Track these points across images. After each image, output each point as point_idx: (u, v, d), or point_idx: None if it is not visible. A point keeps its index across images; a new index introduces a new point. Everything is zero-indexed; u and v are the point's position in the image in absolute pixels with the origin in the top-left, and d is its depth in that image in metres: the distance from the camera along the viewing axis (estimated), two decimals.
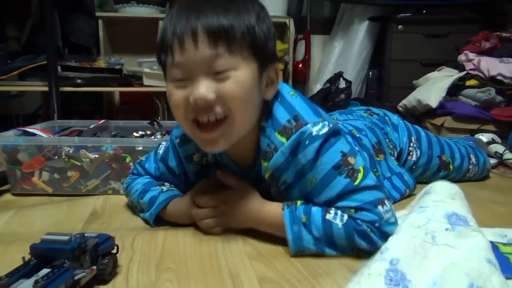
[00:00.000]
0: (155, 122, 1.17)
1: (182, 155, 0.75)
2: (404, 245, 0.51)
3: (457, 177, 1.05)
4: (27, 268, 0.48)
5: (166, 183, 0.78)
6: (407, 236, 0.53)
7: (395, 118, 1.03)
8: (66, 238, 0.50)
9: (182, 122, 0.62)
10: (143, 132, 1.13)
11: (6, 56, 1.60)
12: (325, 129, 0.61)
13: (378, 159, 0.88)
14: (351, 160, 0.62)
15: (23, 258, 0.49)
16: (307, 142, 0.61)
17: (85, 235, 0.53)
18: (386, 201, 0.60)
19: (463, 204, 0.59)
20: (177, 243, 0.66)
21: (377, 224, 0.58)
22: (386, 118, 1.01)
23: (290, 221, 0.61)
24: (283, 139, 0.62)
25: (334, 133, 0.62)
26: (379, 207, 0.59)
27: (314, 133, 0.61)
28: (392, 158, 0.93)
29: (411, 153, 0.99)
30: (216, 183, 0.70)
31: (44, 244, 0.50)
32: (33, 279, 0.45)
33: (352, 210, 0.59)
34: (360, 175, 0.61)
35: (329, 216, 0.60)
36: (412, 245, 0.51)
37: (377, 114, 1.02)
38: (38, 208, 0.85)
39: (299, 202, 0.63)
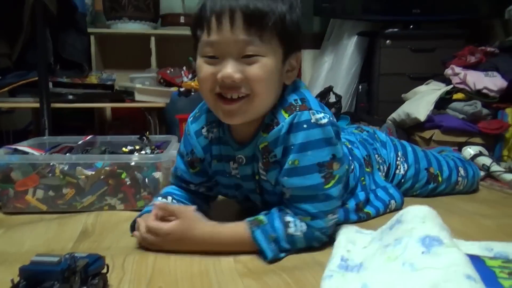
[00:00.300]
0: (144, 137, 1.18)
1: (193, 131, 0.77)
2: (384, 280, 0.53)
3: (447, 190, 1.06)
4: None
5: (169, 196, 0.80)
6: (385, 273, 0.54)
7: (383, 136, 1.06)
8: (55, 259, 0.50)
9: (207, 94, 0.67)
10: (132, 147, 1.13)
11: None
12: (325, 120, 0.66)
13: (367, 170, 0.91)
14: (335, 165, 0.67)
15: (12, 280, 0.49)
16: (304, 126, 0.65)
17: (75, 255, 0.53)
18: (336, 211, 0.70)
19: (434, 224, 0.60)
20: (168, 263, 0.66)
21: (324, 230, 0.69)
22: (375, 135, 1.05)
23: (265, 242, 0.65)
24: (286, 115, 0.67)
25: (338, 135, 0.69)
26: (329, 216, 0.69)
27: (312, 120, 0.65)
28: (380, 173, 0.96)
29: (398, 167, 1.01)
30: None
31: (33, 266, 0.50)
32: None
33: (309, 218, 0.67)
34: (332, 182, 0.67)
35: (290, 231, 0.66)
36: (391, 279, 0.52)
37: (367, 131, 1.06)
38: (28, 226, 0.85)
39: (262, 220, 0.67)
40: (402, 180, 1.01)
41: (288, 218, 0.68)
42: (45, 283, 0.49)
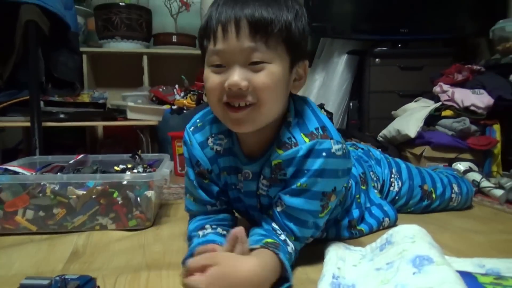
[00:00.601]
0: (136, 156, 1.18)
1: (196, 142, 0.76)
2: None
3: (441, 206, 1.07)
4: None
5: (207, 226, 0.75)
6: None
7: (377, 153, 1.08)
8: (45, 282, 0.49)
9: (214, 104, 0.66)
10: (124, 166, 1.13)
11: None
12: (341, 152, 0.67)
13: (362, 187, 0.92)
14: (332, 197, 0.69)
15: None
16: (323, 154, 0.65)
17: (66, 277, 0.52)
18: (314, 236, 0.74)
19: (424, 242, 0.61)
20: (161, 282, 0.65)
21: (299, 250, 0.71)
22: (370, 153, 1.06)
23: (289, 264, 0.63)
24: (306, 140, 0.67)
25: (348, 172, 0.70)
26: (306, 240, 0.72)
27: (332, 150, 0.66)
28: (375, 191, 0.96)
29: (392, 184, 1.02)
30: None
31: None
32: None
33: (293, 238, 0.69)
34: (325, 211, 0.69)
35: (289, 249, 0.67)
36: None
37: (362, 149, 1.07)
38: (16, 248, 0.83)
39: (275, 241, 0.65)
40: (397, 197, 1.02)
41: (283, 236, 0.68)
42: None
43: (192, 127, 0.78)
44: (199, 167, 0.76)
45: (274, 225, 0.69)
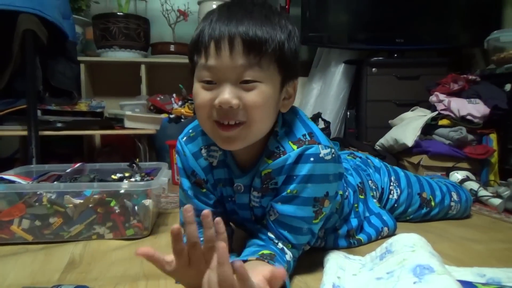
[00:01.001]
0: (133, 164, 1.17)
1: (190, 153, 0.75)
2: None
3: (440, 214, 1.08)
4: None
5: None
6: None
7: (376, 161, 1.08)
8: None
9: (203, 121, 0.66)
10: (122, 175, 1.12)
11: None
12: (329, 157, 0.66)
13: (360, 197, 0.92)
14: (326, 203, 0.69)
15: None
16: (311, 158, 0.65)
17: (62, 287, 0.51)
18: (311, 243, 0.74)
19: (424, 252, 0.61)
20: None
21: (297, 257, 0.72)
22: (369, 161, 1.06)
23: (287, 276, 0.62)
24: (294, 147, 0.67)
25: (340, 176, 0.71)
26: (304, 247, 0.73)
27: (321, 155, 0.66)
28: (374, 200, 0.96)
29: (392, 192, 1.02)
30: None
31: None
32: None
33: (290, 245, 0.69)
34: (320, 217, 0.69)
35: (287, 257, 0.67)
36: None
37: (360, 157, 1.07)
38: (12, 258, 0.82)
39: (271, 252, 0.64)
40: (395, 205, 1.03)
41: (280, 245, 0.68)
42: None
43: (185, 137, 0.77)
44: (195, 176, 0.75)
45: (270, 234, 0.69)
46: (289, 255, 0.67)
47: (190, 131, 0.77)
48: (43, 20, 1.58)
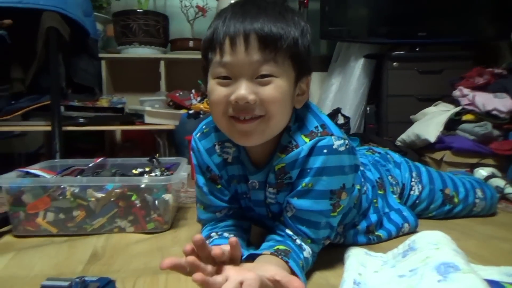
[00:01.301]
0: (154, 159, 1.18)
1: (204, 149, 0.75)
2: None
3: (464, 211, 1.05)
4: None
5: (213, 234, 0.74)
6: None
7: (397, 157, 1.06)
8: (66, 284, 0.50)
9: (219, 117, 0.65)
10: (142, 169, 1.13)
11: (10, 96, 1.63)
12: (343, 148, 0.66)
13: (380, 192, 0.90)
14: (343, 195, 0.68)
15: None
16: (325, 150, 0.65)
17: (86, 279, 0.52)
18: (331, 237, 0.72)
19: (448, 249, 0.60)
20: (179, 285, 0.65)
21: (318, 251, 0.71)
22: (388, 156, 1.04)
23: (300, 272, 0.62)
24: (307, 140, 0.66)
25: (356, 168, 0.70)
26: (324, 241, 0.71)
27: (334, 146, 0.65)
28: (395, 196, 0.94)
29: (413, 188, 1.00)
30: None
31: None
32: None
33: (309, 240, 0.68)
34: (338, 210, 0.68)
35: (305, 254, 0.66)
36: None
37: (379, 153, 1.05)
38: (38, 249, 0.84)
39: (286, 248, 0.64)
40: (417, 201, 1.00)
41: (298, 241, 0.67)
42: None
43: (199, 134, 0.77)
44: (210, 172, 0.75)
45: (288, 231, 0.68)
46: (307, 251, 0.67)
47: (204, 127, 0.77)
48: (66, 18, 1.61)
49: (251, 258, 0.62)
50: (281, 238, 0.68)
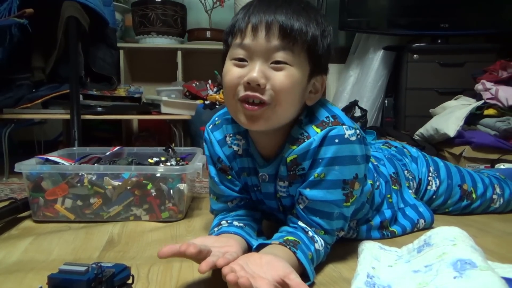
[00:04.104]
0: (169, 149, 1.19)
1: (215, 140, 0.77)
2: None
3: (481, 207, 1.03)
4: None
5: (223, 222, 0.75)
6: None
7: (414, 151, 1.04)
8: (83, 269, 0.50)
9: (229, 99, 0.66)
10: (158, 159, 1.15)
11: (31, 85, 1.66)
12: (354, 137, 0.65)
13: (394, 187, 0.88)
14: (356, 185, 0.68)
15: None
16: (336, 140, 0.65)
17: (102, 265, 0.53)
18: (345, 228, 0.71)
19: (465, 246, 0.58)
20: (192, 274, 0.65)
21: (331, 245, 0.70)
22: (405, 150, 1.02)
23: (308, 263, 0.62)
24: (318, 130, 0.66)
25: (367, 159, 0.69)
26: (338, 233, 0.71)
27: (346, 136, 0.65)
28: (410, 191, 0.93)
29: (430, 183, 0.98)
30: None
31: (61, 275, 0.51)
32: None
33: (322, 232, 0.68)
34: (351, 200, 0.68)
35: (317, 246, 0.66)
36: None
37: (395, 147, 1.03)
38: (56, 235, 0.87)
39: (296, 239, 0.64)
40: (434, 196, 0.99)
41: (311, 233, 0.67)
42: None
43: (211, 125, 0.78)
44: (220, 163, 0.76)
45: (300, 223, 0.68)
46: (319, 244, 0.66)
47: (216, 118, 0.78)
48: (85, 7, 1.63)
49: (262, 248, 0.63)
50: (293, 229, 0.68)
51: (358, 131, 0.67)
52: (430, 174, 0.99)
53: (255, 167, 0.75)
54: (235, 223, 0.73)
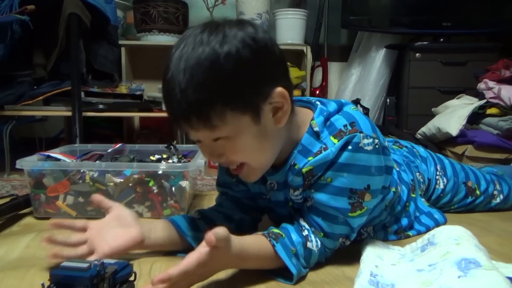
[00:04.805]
0: (171, 146, 1.19)
1: None
2: None
3: (483, 203, 1.03)
4: None
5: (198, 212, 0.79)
6: None
7: (422, 151, 1.02)
8: (85, 265, 0.50)
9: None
10: (160, 156, 1.14)
11: (32, 82, 1.66)
12: (370, 147, 0.63)
13: (412, 195, 0.88)
14: (366, 197, 0.65)
15: (43, 284, 0.50)
16: (349, 147, 0.62)
17: (104, 262, 0.53)
18: (350, 237, 0.68)
19: (469, 245, 0.58)
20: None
21: (332, 250, 0.68)
22: (414, 150, 1.01)
23: (287, 256, 0.61)
24: (335, 141, 0.63)
25: (388, 170, 0.68)
26: (341, 239, 0.67)
27: (360, 144, 0.62)
28: (422, 199, 0.92)
29: (438, 182, 0.98)
30: None
31: (63, 271, 0.50)
32: None
33: (322, 234, 0.66)
34: (358, 212, 0.65)
35: (309, 245, 0.64)
36: None
37: (406, 147, 1.01)
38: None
39: (279, 232, 0.64)
40: (441, 194, 0.99)
41: (306, 232, 0.66)
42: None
43: None
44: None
45: (301, 221, 0.68)
46: (313, 243, 0.64)
47: None
48: (87, 4, 1.62)
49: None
50: (289, 225, 0.67)
51: (376, 140, 0.64)
52: (438, 173, 0.99)
53: (264, 176, 0.72)
54: (196, 214, 0.76)
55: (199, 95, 0.56)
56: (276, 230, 0.64)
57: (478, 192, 1.02)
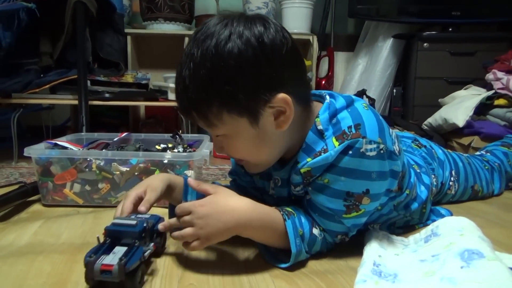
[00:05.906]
0: (177, 136, 1.20)
1: None
2: None
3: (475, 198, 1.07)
4: (105, 247, 0.57)
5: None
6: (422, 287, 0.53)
7: (440, 152, 1.00)
8: (133, 222, 0.59)
9: None
10: (165, 145, 1.15)
11: (39, 70, 1.66)
12: (374, 153, 0.61)
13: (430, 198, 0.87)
14: (364, 200, 0.64)
15: (98, 238, 0.59)
16: (350, 152, 0.60)
17: (147, 218, 0.62)
18: (347, 235, 0.68)
19: (473, 236, 0.58)
20: (200, 260, 0.66)
21: (333, 242, 0.68)
22: (433, 151, 0.98)
23: (293, 234, 0.62)
24: (336, 144, 0.61)
25: (393, 174, 0.66)
26: (339, 236, 0.68)
27: (362, 150, 0.60)
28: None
29: (451, 188, 0.99)
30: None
31: (116, 227, 0.59)
32: (114, 256, 0.53)
33: (321, 227, 0.66)
34: (354, 214, 0.64)
35: (315, 231, 0.65)
36: None
37: (425, 147, 0.99)
38: (65, 219, 0.88)
39: (292, 211, 0.65)
40: (451, 199, 1.02)
41: (312, 219, 0.67)
42: (123, 240, 0.58)
43: None
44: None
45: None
46: (317, 231, 0.65)
47: None
48: None
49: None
50: (300, 209, 0.67)
51: (382, 146, 0.62)
52: (452, 178, 0.98)
53: (269, 172, 0.72)
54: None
55: (198, 95, 0.58)
56: (289, 209, 0.65)
57: (480, 194, 1.06)
